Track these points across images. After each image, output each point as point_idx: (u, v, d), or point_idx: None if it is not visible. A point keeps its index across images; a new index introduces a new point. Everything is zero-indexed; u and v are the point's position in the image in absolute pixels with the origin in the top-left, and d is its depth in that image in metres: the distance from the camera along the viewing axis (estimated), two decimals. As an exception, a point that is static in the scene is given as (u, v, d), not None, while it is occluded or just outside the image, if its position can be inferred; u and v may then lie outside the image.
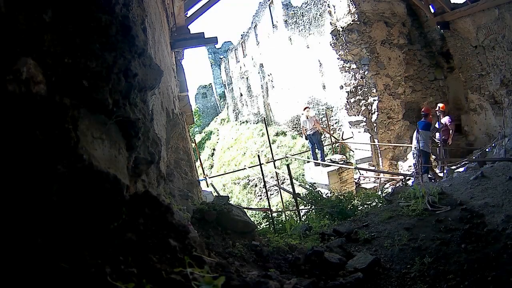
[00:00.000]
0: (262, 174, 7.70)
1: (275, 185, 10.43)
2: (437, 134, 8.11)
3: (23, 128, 0.86)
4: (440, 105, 8.43)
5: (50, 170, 0.93)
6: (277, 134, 18.47)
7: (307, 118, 9.72)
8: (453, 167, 7.47)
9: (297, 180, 9.67)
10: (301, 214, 6.93)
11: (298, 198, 6.55)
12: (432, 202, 4.07)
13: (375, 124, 9.75)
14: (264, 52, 19.36)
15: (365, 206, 5.19)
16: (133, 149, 1.46)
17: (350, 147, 11.93)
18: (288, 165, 6.55)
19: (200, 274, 1.09)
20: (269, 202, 6.43)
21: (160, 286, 0.98)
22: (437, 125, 8.01)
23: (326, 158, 10.12)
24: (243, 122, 25.63)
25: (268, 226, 5.18)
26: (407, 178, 7.52)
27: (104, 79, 1.23)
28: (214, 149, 26.50)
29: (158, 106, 2.86)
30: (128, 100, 1.44)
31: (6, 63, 0.81)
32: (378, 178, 9.31)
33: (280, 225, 5.13)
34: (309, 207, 6.34)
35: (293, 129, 17.68)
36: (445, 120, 8.11)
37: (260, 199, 13.03)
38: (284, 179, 11.04)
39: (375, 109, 9.67)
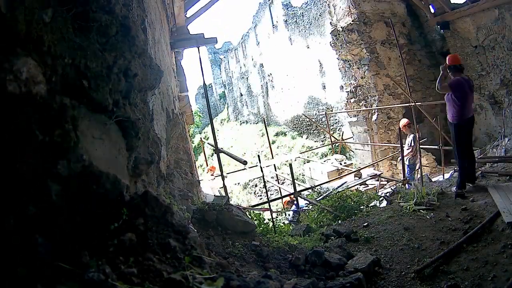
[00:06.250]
0: (263, 175, 7.69)
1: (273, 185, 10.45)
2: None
3: (23, 128, 0.86)
4: (402, 122, 7.48)
5: (50, 170, 0.93)
6: (277, 134, 18.47)
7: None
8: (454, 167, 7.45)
9: (297, 180, 9.66)
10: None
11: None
12: (417, 204, 4.09)
13: (375, 124, 9.75)
14: (264, 52, 19.37)
15: (365, 206, 5.18)
16: (133, 149, 1.46)
17: (350, 147, 11.93)
18: (290, 165, 6.56)
19: (200, 274, 1.09)
20: (269, 203, 6.42)
21: (161, 286, 0.98)
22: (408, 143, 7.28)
23: (326, 159, 10.11)
24: (243, 122, 25.64)
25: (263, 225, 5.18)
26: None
27: (104, 79, 1.23)
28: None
29: (158, 106, 2.86)
30: (128, 100, 1.44)
31: (6, 63, 0.80)
32: (378, 178, 9.31)
33: (281, 224, 5.14)
34: (310, 207, 6.33)
35: (293, 129, 17.68)
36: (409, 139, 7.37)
37: (260, 199, 13.04)
38: (284, 179, 11.02)
39: (375, 109, 9.67)
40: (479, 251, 2.85)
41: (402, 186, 6.21)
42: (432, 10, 8.90)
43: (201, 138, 14.11)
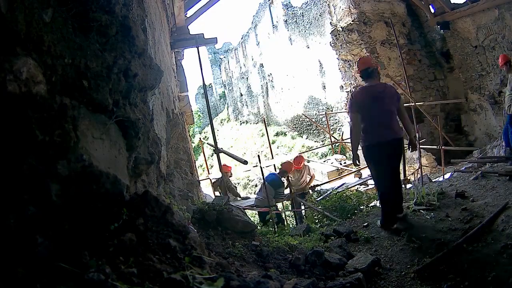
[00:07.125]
0: (262, 175, 7.69)
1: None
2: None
3: (23, 128, 0.86)
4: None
5: (50, 170, 0.93)
6: (277, 134, 18.46)
7: None
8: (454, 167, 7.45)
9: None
10: (302, 214, 6.94)
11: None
12: (417, 204, 4.09)
13: (375, 124, 9.74)
14: (264, 52, 19.37)
15: (365, 206, 5.18)
16: (133, 149, 1.46)
17: (350, 147, 11.92)
18: None
19: (200, 274, 1.09)
20: (269, 203, 6.42)
21: (161, 287, 0.98)
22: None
23: (325, 159, 10.10)
24: (243, 122, 25.63)
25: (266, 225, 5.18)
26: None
27: (104, 79, 1.22)
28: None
29: (158, 106, 2.86)
30: (128, 100, 1.44)
31: (7, 63, 0.80)
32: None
33: (281, 224, 5.13)
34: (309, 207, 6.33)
35: (293, 129, 17.67)
36: None
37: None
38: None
39: (375, 109, 9.67)
40: (479, 251, 2.85)
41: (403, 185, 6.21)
42: (432, 10, 8.90)
43: (200, 138, 14.10)
